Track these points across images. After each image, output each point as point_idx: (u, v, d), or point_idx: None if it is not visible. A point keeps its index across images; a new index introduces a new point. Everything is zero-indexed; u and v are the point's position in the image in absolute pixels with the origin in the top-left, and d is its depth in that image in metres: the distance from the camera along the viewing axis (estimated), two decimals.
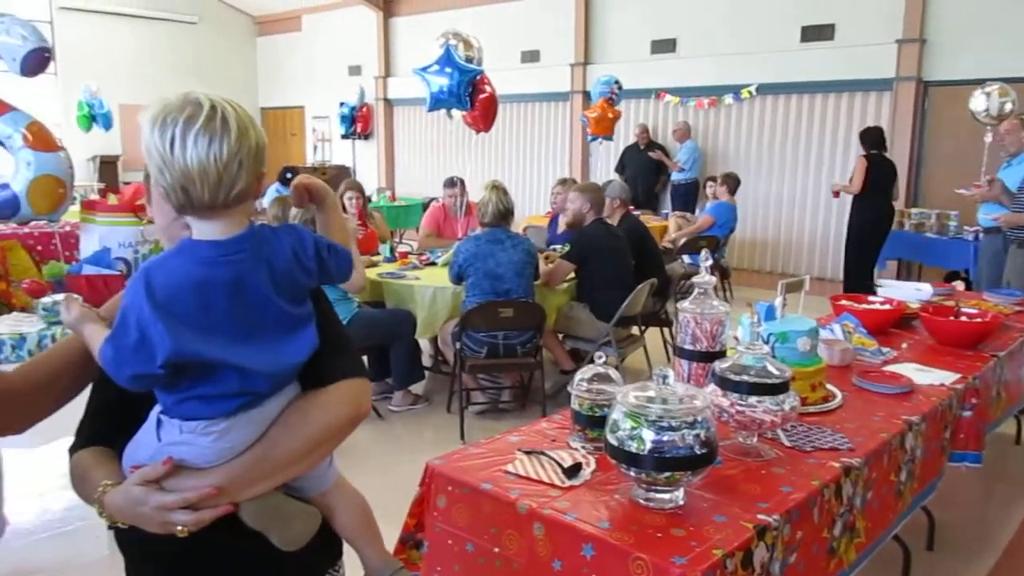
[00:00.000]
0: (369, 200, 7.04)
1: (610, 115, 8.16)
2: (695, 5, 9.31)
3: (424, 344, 5.21)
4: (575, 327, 4.87)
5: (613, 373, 2.13)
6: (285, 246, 1.20)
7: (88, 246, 3.58)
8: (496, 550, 1.85)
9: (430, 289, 4.68)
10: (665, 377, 1.74)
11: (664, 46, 9.64)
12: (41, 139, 3.63)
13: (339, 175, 12.11)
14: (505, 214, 4.54)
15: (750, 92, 8.88)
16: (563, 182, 6.08)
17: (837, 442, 2.14)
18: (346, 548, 1.47)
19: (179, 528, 1.16)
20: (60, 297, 3.28)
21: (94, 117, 11.28)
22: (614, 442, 1.72)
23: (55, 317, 3.19)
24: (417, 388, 5.01)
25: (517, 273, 4.41)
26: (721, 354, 2.19)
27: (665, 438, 1.65)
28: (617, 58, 10.08)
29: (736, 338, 2.46)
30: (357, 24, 13.27)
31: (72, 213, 4.29)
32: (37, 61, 3.61)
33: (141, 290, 1.10)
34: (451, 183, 5.92)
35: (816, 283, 7.26)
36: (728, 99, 9.11)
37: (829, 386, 2.52)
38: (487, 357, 4.41)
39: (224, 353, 1.12)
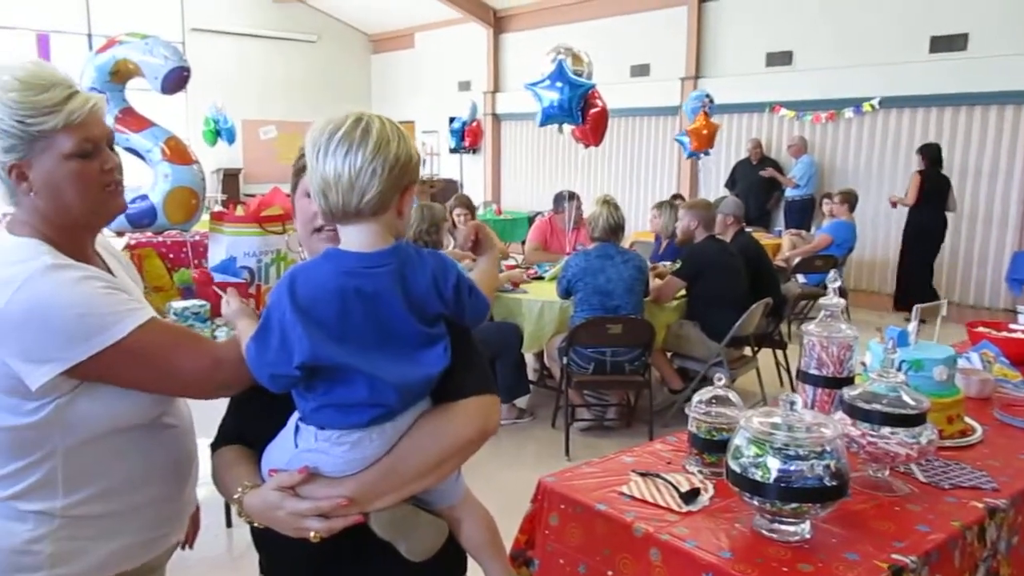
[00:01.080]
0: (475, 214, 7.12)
1: (706, 130, 7.98)
2: (813, 16, 9.00)
3: (529, 358, 5.21)
4: (685, 346, 4.76)
5: (733, 396, 2.06)
6: (427, 270, 1.22)
7: (216, 255, 3.76)
8: (610, 573, 1.81)
9: (538, 303, 4.68)
10: (793, 403, 1.66)
11: (780, 58, 9.37)
12: (177, 153, 3.85)
13: (446, 188, 12.35)
14: (615, 229, 4.50)
15: (872, 106, 8.50)
16: (659, 206, 5.98)
17: (979, 481, 1.98)
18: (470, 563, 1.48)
19: (312, 534, 1.20)
20: (187, 302, 3.46)
21: (219, 132, 11.91)
22: (736, 468, 1.65)
23: (186, 321, 3.36)
24: (522, 402, 5.01)
25: (627, 289, 4.35)
26: (848, 380, 2.08)
27: (792, 467, 1.58)
28: (729, 71, 9.87)
29: (864, 364, 2.33)
30: (468, 40, 13.53)
31: (202, 223, 4.53)
32: (176, 79, 3.84)
33: (285, 293, 1.16)
34: (566, 197, 5.90)
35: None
36: (848, 113, 8.75)
37: (967, 419, 2.35)
38: (594, 373, 4.36)
39: (357, 360, 1.15)
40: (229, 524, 3.52)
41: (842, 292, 7.39)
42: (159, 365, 1.29)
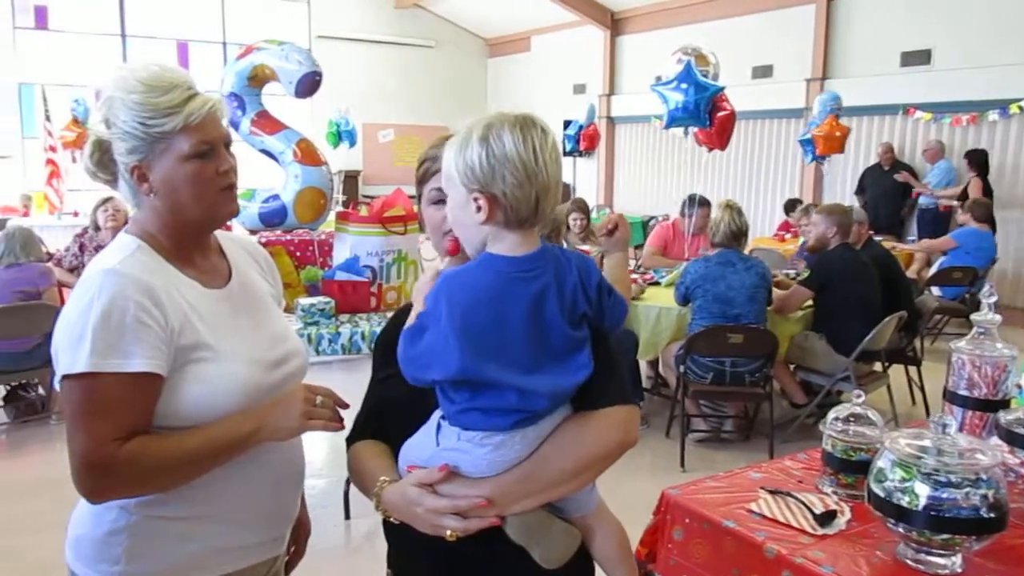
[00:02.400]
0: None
1: (838, 132, 7.59)
2: (956, 12, 8.45)
3: (642, 365, 5.12)
4: (809, 358, 4.56)
5: (873, 414, 1.94)
6: (573, 270, 1.21)
7: (340, 253, 3.87)
8: None
9: (655, 309, 4.58)
10: (945, 426, 1.54)
11: (916, 58, 8.85)
12: (308, 154, 4.00)
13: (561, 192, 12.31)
14: (737, 235, 4.35)
15: (1020, 107, 7.90)
16: (806, 211, 5.74)
17: None
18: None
19: (448, 532, 1.19)
20: (313, 299, 3.57)
21: (341, 135, 12.31)
22: (880, 492, 1.55)
23: (312, 318, 3.47)
24: None
25: (749, 297, 4.21)
26: (1004, 403, 1.92)
27: (944, 495, 1.46)
28: (859, 72, 9.40)
29: (1020, 386, 2.15)
30: (584, 44, 13.48)
31: (328, 223, 4.69)
32: (309, 84, 3.99)
33: (442, 300, 1.15)
34: (695, 201, 5.75)
35: None
36: (993, 115, 8.17)
37: None
38: (712, 383, 4.24)
39: (507, 375, 1.14)
40: (347, 516, 3.62)
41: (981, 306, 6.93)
42: (70, 419, 1.26)
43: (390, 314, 3.72)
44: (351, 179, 14.47)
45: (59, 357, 1.27)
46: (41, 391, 5.01)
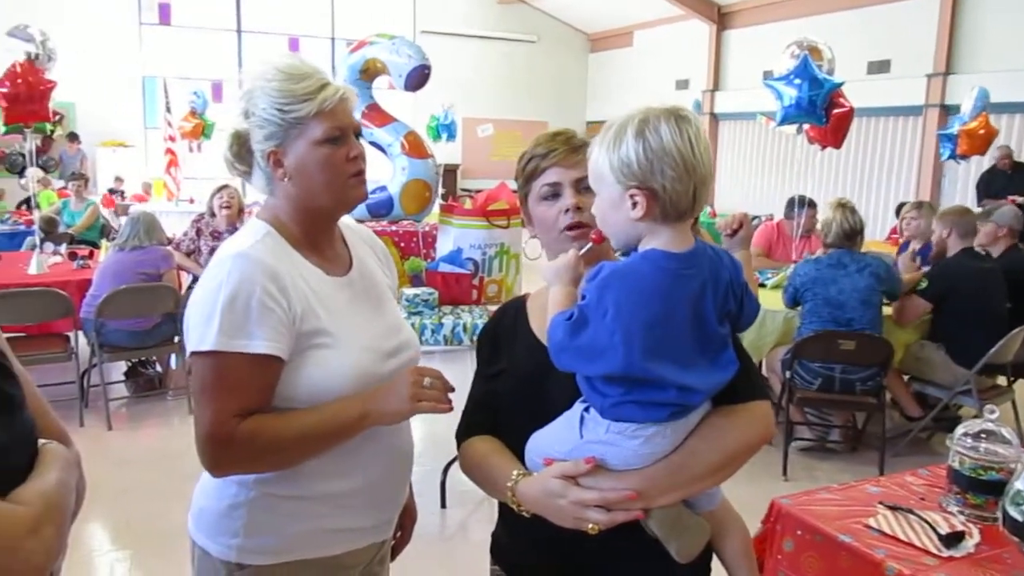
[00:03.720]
0: None
1: (983, 131, 7.12)
2: None
3: None
4: (926, 369, 4.32)
5: (1007, 432, 1.82)
6: (726, 268, 1.20)
7: (444, 245, 3.91)
8: None
9: (760, 311, 4.43)
10: None
11: None
12: (415, 147, 4.06)
13: None
14: (851, 234, 4.15)
15: None
16: (918, 206, 5.44)
17: None
18: None
19: (591, 526, 1.19)
20: (417, 289, 3.62)
21: (440, 128, 12.47)
22: (1017, 516, 1.45)
23: (415, 308, 3.53)
24: None
25: (862, 301, 4.02)
26: None
27: None
28: (989, 67, 8.84)
29: None
30: (688, 38, 13.23)
31: (432, 215, 4.75)
32: (418, 77, 4.04)
33: (608, 295, 1.13)
34: (800, 202, 5.55)
35: None
36: None
37: None
38: (820, 390, 4.07)
39: (671, 372, 1.13)
40: (443, 505, 3.67)
41: None
42: (197, 393, 1.33)
43: (492, 307, 3.75)
44: (450, 172, 14.67)
45: (189, 334, 1.33)
46: (159, 368, 5.28)
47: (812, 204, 5.60)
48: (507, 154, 15.17)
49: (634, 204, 1.13)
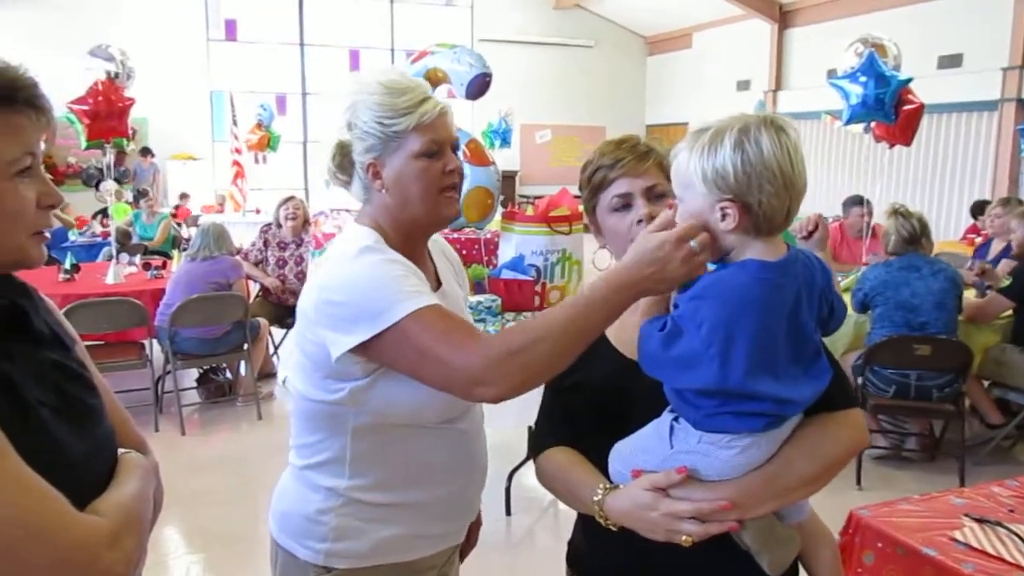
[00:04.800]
0: None
1: None
2: None
3: None
4: (1007, 374, 4.14)
5: None
6: (819, 273, 1.17)
7: (506, 252, 3.92)
8: None
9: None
10: None
11: None
12: (477, 155, 4.08)
13: None
14: (914, 239, 4.01)
15: None
16: (1005, 203, 5.22)
17: None
18: None
19: (684, 538, 1.16)
20: (480, 296, 3.64)
21: (497, 135, 12.49)
22: None
23: (479, 315, 3.54)
24: None
25: (936, 304, 3.88)
26: None
27: None
28: None
29: None
30: (748, 38, 13.01)
31: (494, 222, 4.77)
32: (479, 85, 4.08)
33: (705, 309, 1.09)
34: (856, 202, 5.43)
35: None
36: None
37: None
38: (894, 397, 3.94)
39: (768, 386, 1.10)
40: (508, 512, 3.67)
41: None
42: (424, 351, 1.23)
43: None
44: (508, 179, 14.68)
45: (338, 331, 1.28)
46: (229, 375, 5.42)
47: (862, 202, 5.45)
48: (565, 160, 15.16)
49: (724, 216, 1.09)
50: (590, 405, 1.36)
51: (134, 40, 8.31)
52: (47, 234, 1.02)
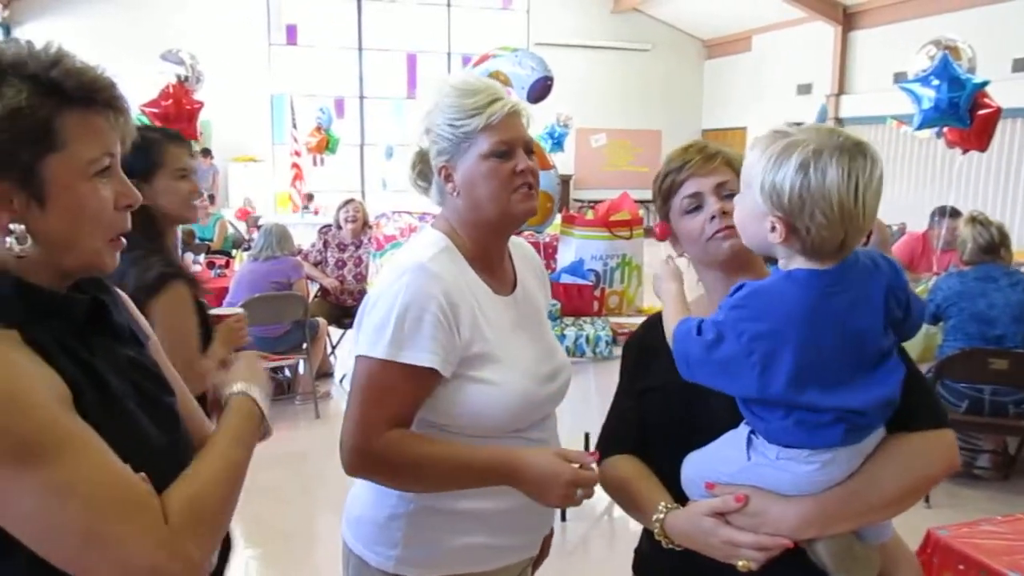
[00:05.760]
0: None
1: None
2: None
3: None
4: None
5: None
6: (883, 274, 1.13)
7: (565, 256, 3.90)
8: None
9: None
10: None
11: None
12: (537, 158, 4.09)
13: None
14: (991, 248, 3.86)
15: None
16: None
17: None
18: None
19: (741, 564, 1.15)
20: (554, 297, 3.62)
21: (553, 138, 12.44)
22: None
23: None
24: None
25: (1015, 317, 3.73)
26: None
27: None
28: None
29: None
30: (810, 41, 12.74)
31: (553, 226, 4.75)
32: (541, 88, 4.07)
33: (746, 320, 1.08)
34: (942, 213, 5.23)
35: None
36: None
37: None
38: (967, 413, 3.80)
39: (815, 397, 1.07)
40: (563, 518, 3.64)
41: None
42: (354, 394, 1.35)
43: (613, 319, 3.72)
44: (563, 183, 14.63)
45: (361, 335, 1.37)
46: (288, 373, 5.51)
47: (956, 214, 5.26)
48: (620, 164, 15.06)
49: (772, 228, 1.08)
50: (662, 414, 1.34)
51: (199, 45, 8.53)
52: (123, 240, 1.02)
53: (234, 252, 7.21)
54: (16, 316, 0.90)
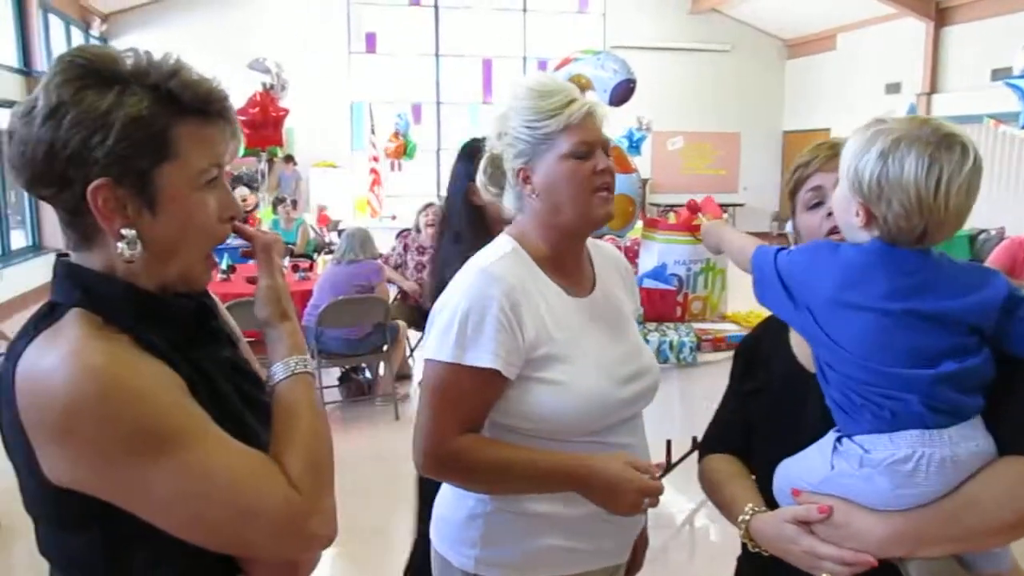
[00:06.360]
0: None
1: None
2: None
3: None
4: None
5: None
6: (957, 276, 1.10)
7: (647, 261, 3.84)
8: None
9: None
10: None
11: None
12: (620, 161, 4.03)
13: None
14: None
15: None
16: None
17: None
18: None
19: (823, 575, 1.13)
20: None
21: (631, 142, 12.32)
22: None
23: None
24: None
25: None
26: None
27: None
28: None
29: None
30: (900, 38, 12.28)
31: (635, 230, 4.70)
32: (624, 91, 4.03)
33: (803, 261, 1.16)
34: None
35: None
36: None
37: None
38: None
39: (875, 378, 1.08)
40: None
41: None
42: (425, 398, 1.37)
43: (697, 325, 3.64)
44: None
45: (429, 339, 1.40)
46: (369, 374, 5.60)
47: None
48: (697, 167, 14.82)
49: (856, 214, 1.09)
50: (766, 416, 1.32)
51: (282, 54, 8.81)
52: (216, 259, 1.05)
53: (315, 256, 7.39)
54: (128, 321, 0.93)
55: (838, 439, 1.14)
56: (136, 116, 0.89)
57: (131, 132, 0.89)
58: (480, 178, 1.50)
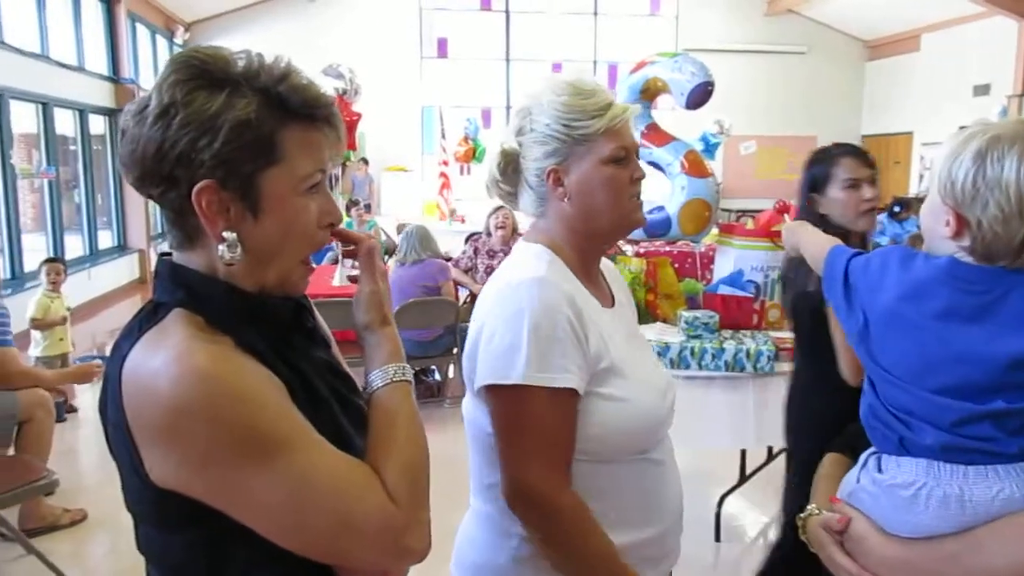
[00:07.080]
0: None
1: None
2: None
3: None
4: None
5: None
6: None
7: (723, 267, 3.75)
8: None
9: None
10: None
11: None
12: (695, 166, 3.97)
13: None
14: None
15: None
16: None
17: None
18: None
19: None
20: (697, 312, 3.50)
21: (706, 146, 12.13)
22: None
23: (695, 331, 3.41)
24: None
25: None
26: None
27: None
28: None
29: None
30: (989, 37, 11.77)
31: (710, 235, 4.61)
32: (701, 94, 3.96)
33: (873, 269, 1.13)
34: None
35: None
36: None
37: None
38: None
39: (898, 389, 1.06)
40: (718, 539, 3.50)
41: None
42: (507, 431, 1.22)
43: (774, 333, 3.53)
44: None
45: (483, 364, 1.25)
46: (438, 377, 5.64)
47: None
48: (771, 172, 14.47)
49: (946, 223, 1.03)
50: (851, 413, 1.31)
51: (355, 59, 8.95)
52: (313, 264, 1.04)
53: (387, 259, 7.48)
54: (229, 321, 0.93)
55: (870, 453, 1.15)
56: (244, 119, 0.89)
57: (238, 135, 0.89)
58: (493, 174, 1.40)
